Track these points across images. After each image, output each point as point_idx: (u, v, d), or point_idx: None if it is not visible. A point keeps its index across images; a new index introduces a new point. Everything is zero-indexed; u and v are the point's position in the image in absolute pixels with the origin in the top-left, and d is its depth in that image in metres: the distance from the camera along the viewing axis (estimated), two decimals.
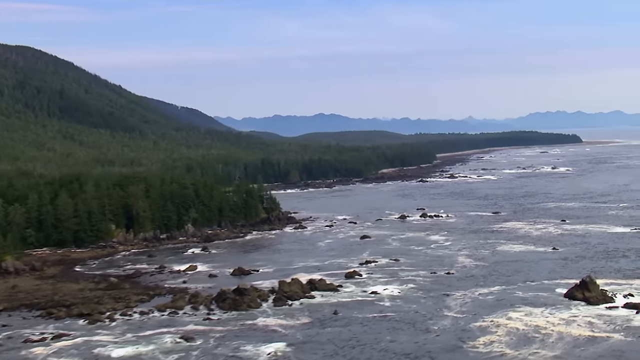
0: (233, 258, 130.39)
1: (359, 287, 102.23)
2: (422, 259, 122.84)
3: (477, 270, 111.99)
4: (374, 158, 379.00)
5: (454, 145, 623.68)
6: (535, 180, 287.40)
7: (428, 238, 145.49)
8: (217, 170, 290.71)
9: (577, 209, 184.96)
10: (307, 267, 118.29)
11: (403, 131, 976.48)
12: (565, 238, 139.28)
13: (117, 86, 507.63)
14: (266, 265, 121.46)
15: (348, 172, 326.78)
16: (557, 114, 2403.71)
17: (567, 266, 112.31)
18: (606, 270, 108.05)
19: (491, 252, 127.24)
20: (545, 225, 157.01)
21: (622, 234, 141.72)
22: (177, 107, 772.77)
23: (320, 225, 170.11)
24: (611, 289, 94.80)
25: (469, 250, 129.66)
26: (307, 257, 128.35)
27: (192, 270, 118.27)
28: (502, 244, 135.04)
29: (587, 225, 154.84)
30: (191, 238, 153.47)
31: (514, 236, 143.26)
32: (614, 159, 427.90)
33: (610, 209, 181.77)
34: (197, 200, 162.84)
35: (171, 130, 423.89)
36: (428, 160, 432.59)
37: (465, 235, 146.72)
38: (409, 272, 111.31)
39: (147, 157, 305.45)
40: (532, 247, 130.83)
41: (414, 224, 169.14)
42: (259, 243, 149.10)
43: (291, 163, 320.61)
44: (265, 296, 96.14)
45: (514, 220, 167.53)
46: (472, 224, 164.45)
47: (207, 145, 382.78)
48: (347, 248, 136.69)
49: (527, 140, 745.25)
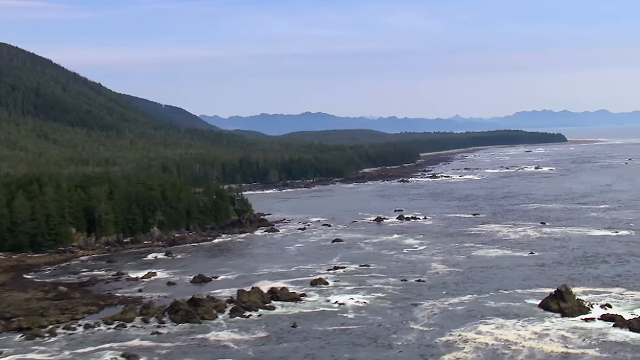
0: (197, 264, 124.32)
1: (323, 296, 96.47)
2: (393, 264, 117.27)
3: (450, 277, 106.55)
4: (355, 157, 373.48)
5: (439, 145, 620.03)
6: (517, 180, 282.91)
7: (402, 242, 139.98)
8: (194, 170, 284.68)
9: (558, 210, 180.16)
10: (272, 274, 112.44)
11: (390, 130, 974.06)
12: (543, 242, 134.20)
13: (96, 84, 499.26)
14: (229, 272, 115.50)
15: (328, 172, 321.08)
16: (543, 113, 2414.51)
17: (544, 273, 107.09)
18: (584, 278, 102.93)
19: (466, 257, 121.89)
20: (524, 228, 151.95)
21: (602, 237, 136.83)
22: (160, 105, 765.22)
23: (292, 228, 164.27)
24: (588, 299, 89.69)
25: (443, 255, 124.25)
26: (273, 262, 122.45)
27: (151, 277, 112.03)
28: (478, 248, 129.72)
29: (567, 227, 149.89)
30: (156, 242, 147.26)
31: (491, 240, 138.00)
32: (597, 159, 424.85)
33: (592, 211, 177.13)
34: (164, 202, 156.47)
35: (150, 129, 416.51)
36: (411, 160, 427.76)
37: (441, 239, 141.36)
38: (377, 280, 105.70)
39: (122, 156, 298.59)
40: (509, 251, 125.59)
41: (390, 226, 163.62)
42: (226, 247, 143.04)
43: (270, 162, 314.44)
44: (222, 307, 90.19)
45: (492, 222, 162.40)
46: (449, 226, 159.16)
47: (186, 144, 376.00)
48: (316, 253, 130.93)
49: (512, 139, 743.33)
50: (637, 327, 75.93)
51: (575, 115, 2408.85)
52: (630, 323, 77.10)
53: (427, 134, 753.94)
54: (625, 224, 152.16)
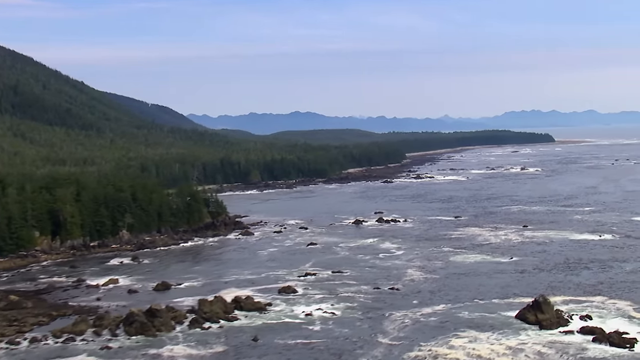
0: (163, 269, 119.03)
1: (290, 305, 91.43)
2: (367, 271, 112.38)
3: (425, 284, 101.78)
4: (340, 157, 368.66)
5: (426, 145, 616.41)
6: (502, 181, 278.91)
7: (379, 246, 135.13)
8: (173, 170, 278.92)
9: (541, 213, 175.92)
10: (240, 281, 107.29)
11: (378, 130, 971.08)
12: (525, 246, 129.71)
13: (78, 82, 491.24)
14: (196, 278, 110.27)
15: (311, 172, 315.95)
16: (532, 113, 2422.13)
17: (523, 280, 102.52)
18: (565, 286, 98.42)
19: (444, 262, 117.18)
20: (506, 231, 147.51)
21: (585, 242, 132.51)
22: (147, 104, 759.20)
23: (268, 231, 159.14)
24: (568, 309, 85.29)
25: (420, 260, 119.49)
26: (244, 268, 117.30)
27: (112, 284, 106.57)
28: (457, 253, 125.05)
29: (550, 231, 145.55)
30: (125, 245, 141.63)
31: (470, 244, 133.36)
32: (584, 159, 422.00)
33: (576, 213, 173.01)
34: (134, 204, 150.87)
35: (132, 128, 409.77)
36: (397, 160, 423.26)
37: (420, 243, 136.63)
38: (349, 288, 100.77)
39: (101, 155, 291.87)
40: (489, 256, 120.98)
41: (368, 229, 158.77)
42: (197, 251, 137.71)
43: (252, 163, 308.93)
44: (181, 318, 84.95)
45: (474, 225, 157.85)
46: (429, 229, 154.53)
47: (168, 143, 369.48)
48: (289, 258, 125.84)
49: (499, 140, 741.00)
50: (618, 342, 71.45)
51: (564, 116, 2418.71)
52: (610, 337, 72.57)
53: (414, 134, 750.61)
54: (609, 228, 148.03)
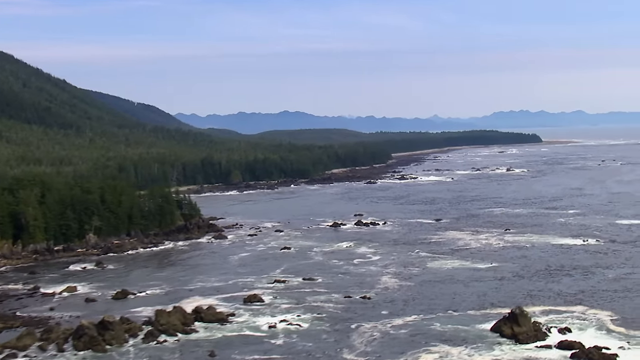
0: (127, 275, 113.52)
1: (254, 316, 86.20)
2: (340, 278, 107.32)
3: (399, 293, 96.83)
4: (324, 158, 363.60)
5: (413, 145, 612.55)
6: (486, 182, 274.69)
7: (355, 251, 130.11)
8: (152, 171, 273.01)
9: (525, 215, 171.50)
10: (205, 289, 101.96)
11: (367, 129, 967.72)
12: (505, 251, 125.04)
13: (60, 80, 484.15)
14: (160, 285, 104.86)
15: (294, 173, 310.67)
16: (520, 113, 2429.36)
17: (502, 288, 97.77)
18: (545, 295, 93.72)
19: (421, 269, 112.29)
20: (487, 235, 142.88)
21: (568, 247, 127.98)
22: (133, 103, 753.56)
23: (242, 234, 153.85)
24: (548, 320, 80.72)
25: (396, 266, 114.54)
26: (211, 274, 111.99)
27: (69, 292, 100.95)
28: (435, 258, 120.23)
29: (532, 235, 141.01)
30: (91, 250, 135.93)
31: (449, 249, 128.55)
32: (570, 160, 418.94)
33: (560, 216, 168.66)
34: (102, 206, 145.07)
35: (114, 127, 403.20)
36: (382, 160, 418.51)
37: (397, 248, 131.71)
38: (319, 296, 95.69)
39: (79, 155, 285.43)
40: (468, 262, 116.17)
41: (346, 232, 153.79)
42: (165, 256, 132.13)
43: (234, 163, 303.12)
44: (136, 330, 79.52)
45: (455, 229, 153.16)
46: (408, 233, 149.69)
47: (149, 143, 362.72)
48: (261, 263, 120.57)
49: (487, 140, 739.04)
50: (597, 358, 66.72)
51: (552, 116, 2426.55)
52: (590, 353, 67.83)
53: (401, 134, 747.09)
54: (593, 232, 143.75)
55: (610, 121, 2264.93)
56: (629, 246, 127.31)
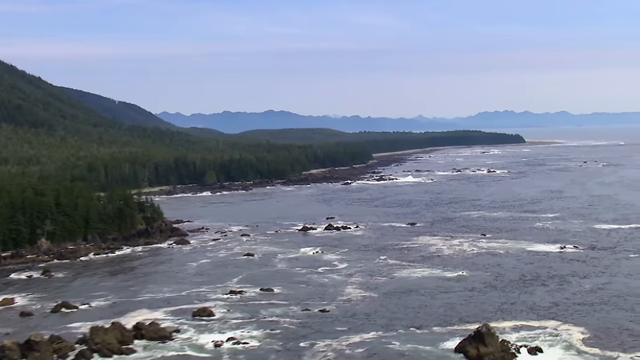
0: (74, 285, 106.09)
1: (200, 333, 79.15)
2: (301, 288, 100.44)
3: (362, 305, 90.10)
4: (302, 158, 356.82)
5: (395, 145, 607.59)
6: (466, 184, 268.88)
7: (321, 258, 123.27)
8: (123, 171, 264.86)
9: (502, 219, 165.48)
10: (154, 300, 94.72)
11: (352, 129, 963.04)
12: (479, 259, 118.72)
13: (35, 78, 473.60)
14: (107, 296, 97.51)
15: (271, 173, 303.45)
16: (505, 114, 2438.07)
17: (471, 301, 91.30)
18: (517, 308, 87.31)
19: (388, 278, 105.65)
20: (462, 240, 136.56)
21: (544, 254, 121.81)
22: (114, 101, 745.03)
23: (206, 239, 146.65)
24: (518, 337, 74.57)
25: (362, 275, 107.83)
26: (164, 284, 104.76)
27: (5, 305, 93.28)
28: (404, 266, 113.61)
29: (508, 241, 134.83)
30: (43, 256, 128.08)
31: (421, 256, 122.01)
32: (552, 161, 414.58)
33: (538, 220, 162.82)
34: (57, 209, 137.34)
35: (89, 125, 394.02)
36: (362, 161, 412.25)
37: (366, 254, 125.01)
38: (276, 309, 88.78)
39: (48, 155, 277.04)
40: (438, 271, 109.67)
41: (315, 237, 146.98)
42: (120, 262, 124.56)
43: (208, 163, 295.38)
44: (66, 350, 72.37)
45: (429, 233, 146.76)
46: (380, 238, 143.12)
47: (124, 142, 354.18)
48: (219, 271, 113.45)
49: (470, 140, 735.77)
50: None
51: (536, 116, 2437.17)
52: None
53: (384, 134, 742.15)
54: (571, 237, 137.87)
55: (593, 122, 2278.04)
56: (608, 253, 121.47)
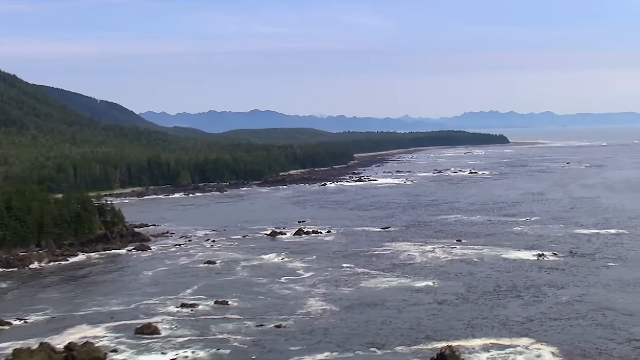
0: (14, 298, 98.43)
1: (139, 354, 71.87)
2: (260, 300, 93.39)
3: (322, 320, 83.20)
4: (282, 158, 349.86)
5: (379, 145, 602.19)
6: (447, 186, 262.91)
7: (287, 266, 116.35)
8: (94, 171, 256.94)
9: (480, 224, 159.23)
10: (98, 315, 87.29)
11: (338, 129, 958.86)
12: (452, 267, 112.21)
13: (10, 76, 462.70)
14: (47, 310, 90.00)
15: (248, 174, 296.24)
16: (490, 114, 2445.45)
17: (441, 315, 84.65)
18: (489, 324, 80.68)
19: (354, 289, 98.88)
20: (436, 247, 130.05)
21: (522, 262, 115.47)
22: (96, 100, 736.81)
23: (169, 245, 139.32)
24: (488, 358, 68.00)
25: (326, 286, 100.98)
26: (114, 295, 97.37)
27: None
28: (372, 276, 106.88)
29: (484, 247, 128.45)
30: None
31: (391, 264, 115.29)
32: (535, 162, 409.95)
33: (518, 224, 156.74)
34: (8, 214, 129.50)
35: (64, 124, 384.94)
36: (343, 161, 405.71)
37: (334, 262, 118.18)
38: (228, 325, 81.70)
39: (17, 155, 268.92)
40: (408, 280, 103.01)
41: (284, 243, 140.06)
42: (72, 271, 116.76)
43: (183, 164, 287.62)
44: None
45: (402, 239, 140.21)
46: (351, 244, 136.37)
47: (99, 142, 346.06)
48: (175, 281, 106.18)
49: (454, 140, 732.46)
50: None
51: (522, 117, 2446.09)
52: None
53: (368, 134, 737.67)
54: (550, 243, 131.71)
55: (578, 122, 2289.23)
56: (588, 260, 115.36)
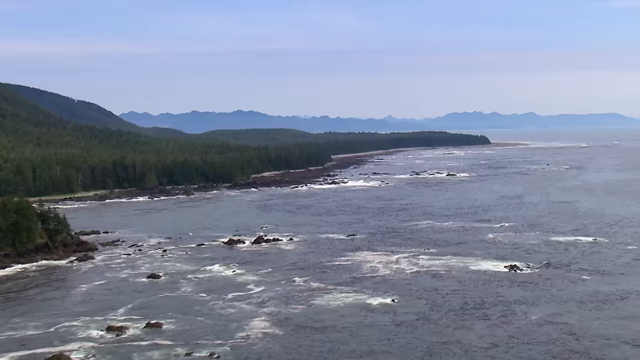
0: None
1: None
2: (198, 322, 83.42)
3: (260, 346, 73.63)
4: (255, 160, 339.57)
5: (358, 146, 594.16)
6: (422, 188, 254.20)
7: (237, 279, 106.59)
8: (54, 174, 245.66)
9: (452, 230, 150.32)
10: (9, 342, 76.93)
11: (321, 129, 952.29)
12: (416, 281, 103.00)
13: None
14: None
15: (218, 176, 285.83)
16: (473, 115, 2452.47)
17: (396, 341, 75.24)
18: (449, 350, 71.46)
19: (305, 307, 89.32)
20: (402, 256, 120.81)
21: (492, 274, 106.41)
22: (73, 100, 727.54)
23: (116, 254, 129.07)
24: None
25: (276, 303, 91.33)
26: (35, 316, 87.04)
27: None
28: (328, 291, 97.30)
29: (453, 257, 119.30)
30: None
31: (350, 278, 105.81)
32: (515, 164, 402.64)
33: (491, 230, 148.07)
34: None
35: (29, 125, 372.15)
36: (319, 163, 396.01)
37: (290, 274, 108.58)
38: (155, 353, 71.91)
39: None
40: (365, 296, 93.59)
41: (240, 252, 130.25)
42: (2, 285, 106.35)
43: (149, 165, 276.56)
44: None
45: (367, 248, 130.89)
46: (311, 253, 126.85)
47: (65, 142, 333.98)
48: (109, 298, 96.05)
49: (435, 141, 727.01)
50: None
51: (504, 118, 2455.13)
52: None
53: (349, 134, 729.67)
54: (524, 252, 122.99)
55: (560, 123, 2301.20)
56: (563, 272, 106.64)
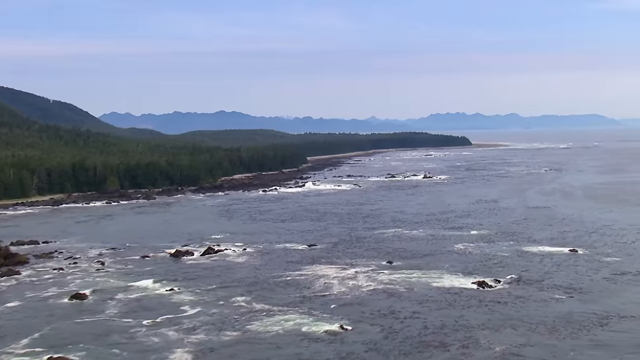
0: None
1: None
2: (111, 355, 71.69)
3: None
4: (226, 162, 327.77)
5: (338, 147, 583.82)
6: (395, 192, 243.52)
7: (170, 299, 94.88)
8: (7, 177, 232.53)
9: (419, 239, 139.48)
10: None
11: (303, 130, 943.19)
12: (373, 300, 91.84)
13: None
14: None
15: (184, 179, 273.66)
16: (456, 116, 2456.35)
17: None
18: None
19: (239, 334, 77.80)
20: (361, 270, 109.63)
21: (457, 292, 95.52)
22: (48, 100, 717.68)
23: (47, 268, 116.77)
24: None
25: (207, 330, 79.70)
26: None
27: None
28: (270, 313, 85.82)
29: (417, 272, 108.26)
30: None
31: (300, 297, 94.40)
32: (494, 165, 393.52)
33: (462, 240, 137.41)
34: None
35: None
36: (294, 164, 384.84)
37: (232, 292, 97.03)
38: None
39: None
40: (309, 321, 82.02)
41: (186, 265, 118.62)
42: None
43: (111, 168, 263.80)
44: None
45: (325, 260, 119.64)
46: (263, 267, 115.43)
47: (26, 144, 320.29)
48: (18, 324, 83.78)
49: (416, 142, 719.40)
50: None
51: (487, 118, 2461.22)
52: None
53: (329, 135, 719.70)
54: (495, 265, 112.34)
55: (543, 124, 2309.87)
56: (535, 289, 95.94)
